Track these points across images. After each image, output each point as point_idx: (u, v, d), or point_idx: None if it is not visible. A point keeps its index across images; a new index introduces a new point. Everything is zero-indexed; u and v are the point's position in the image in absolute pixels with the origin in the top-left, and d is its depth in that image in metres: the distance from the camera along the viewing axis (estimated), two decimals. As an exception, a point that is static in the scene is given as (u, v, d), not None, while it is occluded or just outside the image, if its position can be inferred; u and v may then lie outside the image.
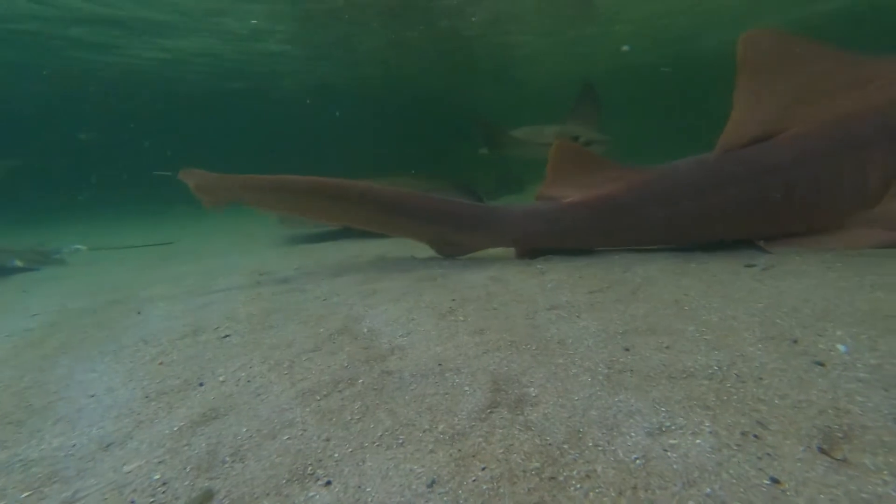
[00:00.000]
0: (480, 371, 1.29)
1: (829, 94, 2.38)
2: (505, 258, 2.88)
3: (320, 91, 17.83)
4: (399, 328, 1.73)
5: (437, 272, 2.69)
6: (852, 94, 2.32)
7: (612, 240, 2.73)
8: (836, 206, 2.29)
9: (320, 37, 11.83)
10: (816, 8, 11.36)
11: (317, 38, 11.92)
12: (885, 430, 0.87)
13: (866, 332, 1.29)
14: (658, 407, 1.07)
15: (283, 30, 11.43)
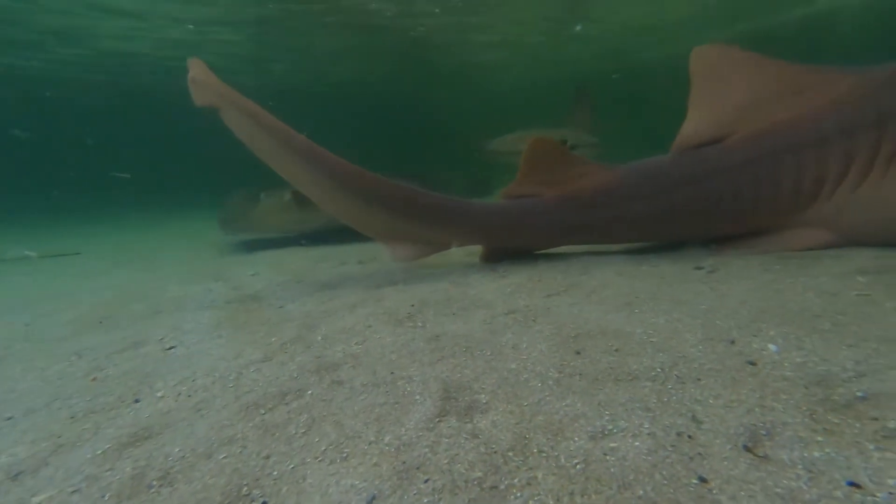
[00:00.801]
0: (433, 379, 1.28)
1: (770, 101, 2.54)
2: (467, 263, 2.89)
3: (278, 93, 17.57)
4: (355, 336, 1.70)
5: (400, 276, 2.67)
6: (791, 100, 2.48)
7: (576, 237, 2.79)
8: (776, 208, 2.43)
9: (276, 39, 11.60)
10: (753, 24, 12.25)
11: (272, 40, 11.69)
12: (802, 426, 0.93)
13: (795, 331, 1.37)
14: (603, 410, 1.10)
15: (234, 33, 11.13)
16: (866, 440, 0.86)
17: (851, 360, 1.16)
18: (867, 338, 1.27)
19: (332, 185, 2.50)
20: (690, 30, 12.60)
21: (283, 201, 4.92)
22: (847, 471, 0.80)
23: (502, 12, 10.73)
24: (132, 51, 12.20)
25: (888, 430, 0.88)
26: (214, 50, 12.44)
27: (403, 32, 11.53)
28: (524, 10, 10.48)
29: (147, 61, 13.11)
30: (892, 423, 0.90)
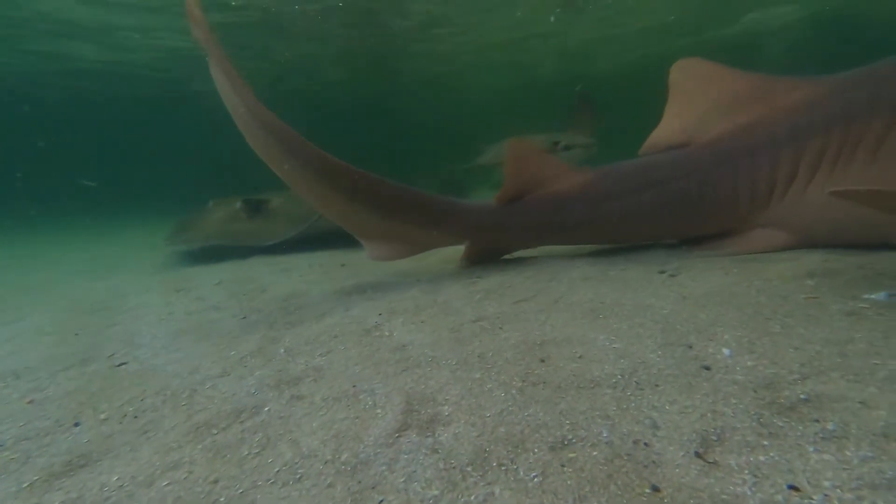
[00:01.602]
0: (396, 391, 1.26)
1: (733, 108, 2.67)
2: (438, 269, 2.88)
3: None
4: (319, 347, 1.66)
5: (369, 283, 2.63)
6: (752, 107, 2.61)
7: (555, 238, 2.88)
8: (736, 209, 2.54)
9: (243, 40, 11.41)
10: (702, 36, 13.11)
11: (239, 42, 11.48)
12: (750, 430, 0.96)
13: (748, 335, 1.42)
14: (564, 419, 1.10)
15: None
16: (807, 442, 0.90)
17: (797, 362, 1.21)
18: (812, 340, 1.32)
19: (301, 168, 2.35)
20: (652, 40, 13.26)
21: (232, 210, 4.62)
22: (788, 474, 0.82)
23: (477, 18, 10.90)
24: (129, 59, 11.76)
25: (827, 432, 0.92)
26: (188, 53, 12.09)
27: (374, 35, 11.56)
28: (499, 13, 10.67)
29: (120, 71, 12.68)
30: (831, 425, 0.94)
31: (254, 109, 2.24)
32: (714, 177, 2.55)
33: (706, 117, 2.74)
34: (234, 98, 2.27)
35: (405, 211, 2.53)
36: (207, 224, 4.63)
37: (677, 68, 2.89)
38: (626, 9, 11.08)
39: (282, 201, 4.79)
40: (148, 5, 9.14)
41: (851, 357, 1.20)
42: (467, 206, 2.80)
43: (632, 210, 2.69)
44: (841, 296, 1.66)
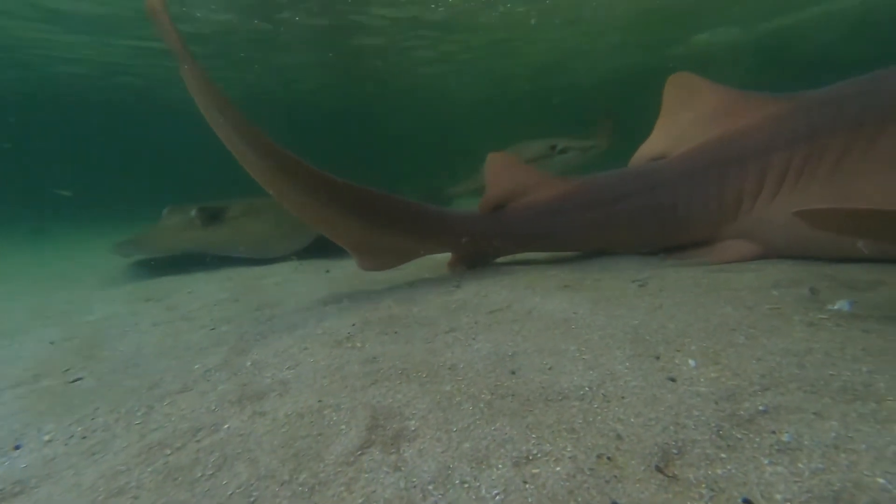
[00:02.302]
0: (362, 406, 1.23)
1: (712, 122, 2.77)
2: (415, 278, 2.87)
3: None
4: (287, 359, 1.62)
5: (345, 293, 2.60)
6: (727, 122, 2.70)
7: (537, 245, 2.97)
8: (708, 220, 2.62)
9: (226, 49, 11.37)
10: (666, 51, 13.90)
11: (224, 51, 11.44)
12: (709, 443, 0.97)
13: (713, 346, 1.45)
14: (530, 433, 1.10)
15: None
16: (762, 455, 0.91)
17: (758, 373, 1.23)
18: (773, 351, 1.35)
19: (289, 183, 2.28)
20: (612, 57, 14.05)
21: (188, 218, 4.42)
22: (743, 487, 0.83)
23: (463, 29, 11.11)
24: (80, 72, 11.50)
25: (782, 444, 0.93)
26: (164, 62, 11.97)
27: (354, 44, 11.67)
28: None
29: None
30: (786, 437, 0.95)
31: (238, 125, 2.17)
32: (685, 189, 2.63)
33: (687, 130, 2.85)
34: (218, 116, 2.17)
35: (395, 221, 2.54)
36: (164, 233, 4.38)
37: (671, 82, 3.00)
38: (580, 31, 11.63)
39: (243, 210, 4.60)
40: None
41: (809, 368, 1.23)
42: (454, 215, 2.87)
43: (608, 220, 2.78)
44: (803, 306, 1.71)
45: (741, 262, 2.48)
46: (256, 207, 4.69)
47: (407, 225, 2.59)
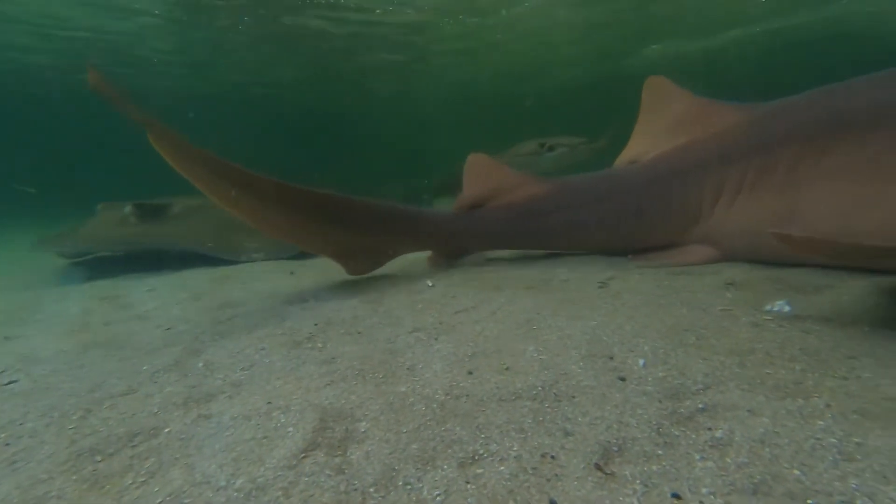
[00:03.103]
0: (311, 407, 1.21)
1: (679, 129, 2.86)
2: (384, 275, 2.85)
3: (204, 97, 16.89)
4: (242, 360, 1.58)
5: (311, 292, 2.56)
6: (691, 130, 2.79)
7: (512, 244, 3.08)
8: (670, 225, 2.70)
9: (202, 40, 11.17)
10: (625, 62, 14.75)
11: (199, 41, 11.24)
12: (648, 441, 1.00)
13: (665, 346, 1.49)
14: (479, 434, 1.10)
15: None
16: (696, 451, 0.94)
17: (702, 372, 1.28)
18: (719, 351, 1.40)
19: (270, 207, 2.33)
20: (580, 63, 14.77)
21: (122, 214, 4.20)
22: (675, 482, 0.86)
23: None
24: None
25: (715, 440, 0.97)
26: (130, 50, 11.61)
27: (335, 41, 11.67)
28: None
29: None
30: (720, 433, 0.99)
31: (211, 167, 2.18)
32: (650, 196, 2.72)
33: (659, 135, 2.94)
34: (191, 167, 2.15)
35: (373, 224, 2.67)
36: (97, 229, 4.13)
37: (647, 86, 3.07)
38: (537, 42, 12.19)
39: (190, 207, 4.37)
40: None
41: (749, 367, 1.28)
42: (430, 215, 3.00)
43: (578, 223, 2.87)
44: (753, 308, 1.77)
45: (701, 265, 2.57)
46: (206, 205, 4.40)
47: (385, 227, 2.71)
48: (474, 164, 3.16)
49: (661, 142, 2.87)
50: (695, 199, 2.60)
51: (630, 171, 2.91)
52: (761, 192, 2.32)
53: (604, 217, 2.82)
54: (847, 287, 1.93)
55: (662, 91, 3.00)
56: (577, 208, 2.86)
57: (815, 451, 0.88)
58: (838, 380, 1.15)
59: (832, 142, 2.11)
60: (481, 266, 3.02)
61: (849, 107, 2.16)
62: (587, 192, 2.91)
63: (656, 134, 2.92)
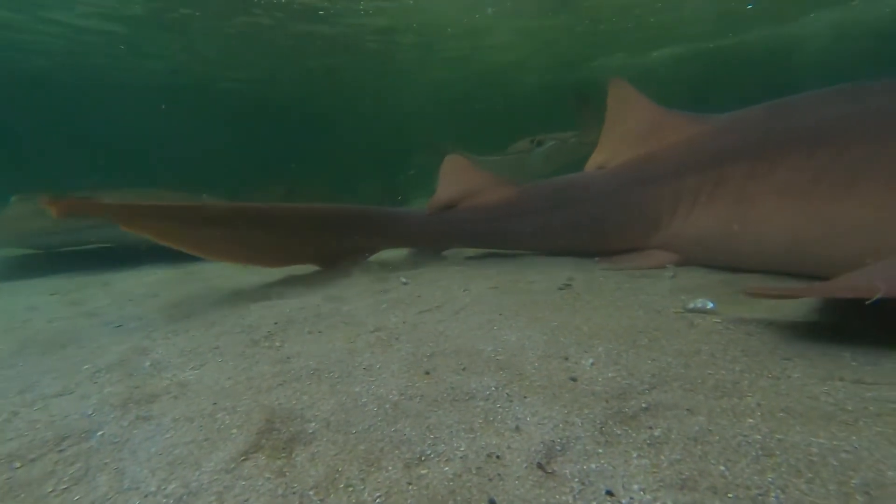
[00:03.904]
0: (260, 408, 1.18)
1: (641, 138, 2.94)
2: (354, 277, 2.82)
3: (177, 91, 16.48)
4: (194, 359, 1.53)
5: (275, 291, 2.50)
6: (652, 140, 2.88)
7: (482, 244, 3.23)
8: (632, 231, 2.79)
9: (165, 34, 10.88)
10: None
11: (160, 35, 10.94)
12: (591, 440, 1.02)
13: (618, 347, 1.53)
14: (429, 434, 1.10)
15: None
16: (634, 448, 0.97)
17: (650, 373, 1.32)
18: (668, 352, 1.45)
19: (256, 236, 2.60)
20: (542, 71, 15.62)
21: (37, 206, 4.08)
22: (610, 480, 0.88)
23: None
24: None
25: (653, 438, 1.00)
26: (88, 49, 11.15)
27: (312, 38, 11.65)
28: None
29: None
30: (658, 432, 1.02)
31: (201, 216, 2.39)
32: (613, 204, 2.82)
33: (623, 143, 3.03)
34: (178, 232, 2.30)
35: (353, 227, 2.92)
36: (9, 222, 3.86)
37: (612, 89, 3.17)
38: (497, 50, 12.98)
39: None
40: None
41: (693, 367, 1.33)
42: (405, 215, 3.20)
43: (544, 228, 3.00)
44: (703, 311, 1.85)
45: (662, 269, 2.65)
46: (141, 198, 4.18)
47: (362, 228, 2.95)
48: (450, 166, 3.29)
49: (625, 148, 2.96)
50: (655, 209, 2.69)
51: (596, 178, 3.00)
52: (716, 204, 2.42)
53: (568, 225, 2.94)
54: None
55: (626, 97, 3.08)
56: (544, 213, 2.98)
57: (741, 448, 0.92)
58: (771, 380, 1.21)
59: (779, 157, 2.22)
60: (453, 264, 3.05)
61: (794, 123, 2.28)
62: (552, 199, 3.03)
63: (621, 140, 3.02)
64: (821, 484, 0.81)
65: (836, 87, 2.39)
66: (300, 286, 2.63)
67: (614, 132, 3.13)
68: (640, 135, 2.93)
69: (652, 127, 2.91)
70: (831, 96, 2.33)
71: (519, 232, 3.03)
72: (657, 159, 2.73)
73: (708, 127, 2.65)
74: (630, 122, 3.02)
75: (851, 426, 0.96)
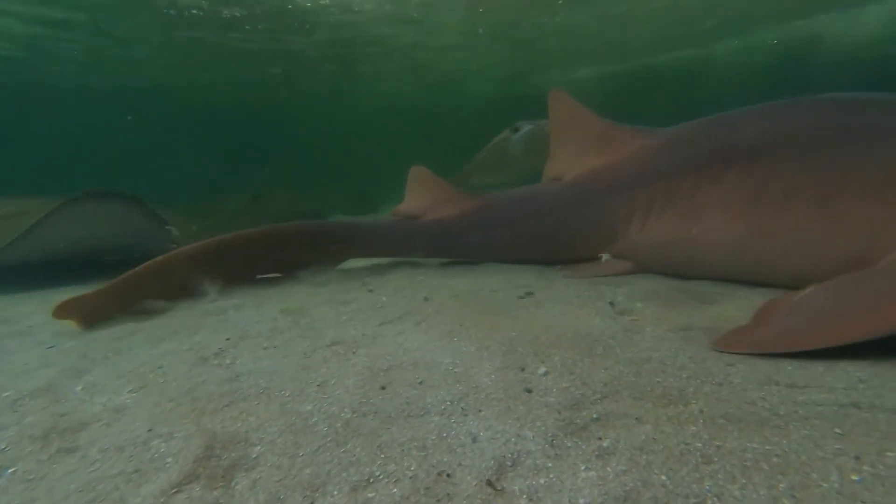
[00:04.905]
0: (199, 433, 1.11)
1: (591, 151, 3.02)
2: (315, 288, 2.74)
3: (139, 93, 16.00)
4: (134, 381, 1.43)
5: (233, 303, 2.40)
6: (603, 154, 2.97)
7: (447, 255, 3.27)
8: (591, 242, 2.87)
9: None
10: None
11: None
12: (541, 453, 1.02)
13: (574, 356, 1.55)
14: (378, 454, 1.07)
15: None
16: (582, 461, 0.98)
17: (602, 382, 1.34)
18: (621, 360, 1.49)
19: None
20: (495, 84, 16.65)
21: None
22: (557, 494, 0.88)
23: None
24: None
25: (602, 449, 1.01)
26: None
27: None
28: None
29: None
30: (607, 442, 1.04)
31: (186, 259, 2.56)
32: (570, 217, 2.92)
33: (572, 156, 3.11)
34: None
35: (323, 239, 3.08)
36: None
37: (551, 101, 3.23)
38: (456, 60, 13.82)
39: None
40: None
41: (643, 376, 1.36)
42: (371, 225, 3.40)
43: (505, 240, 3.08)
44: (657, 318, 1.91)
45: (621, 276, 2.74)
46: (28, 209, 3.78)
47: (331, 239, 3.09)
48: (415, 177, 3.41)
49: (576, 160, 3.04)
50: (610, 221, 2.78)
51: (553, 191, 3.09)
52: (667, 217, 2.52)
53: (529, 236, 3.03)
54: (738, 297, 2.15)
55: (567, 108, 3.16)
56: (503, 228, 3.08)
57: (683, 456, 0.95)
58: (714, 386, 1.26)
59: (721, 171, 2.34)
60: (419, 273, 3.03)
61: (734, 139, 2.40)
62: (511, 212, 3.13)
63: (572, 153, 3.10)
64: (753, 489, 0.84)
65: (772, 102, 2.54)
66: (259, 298, 2.53)
67: (563, 144, 3.20)
68: (589, 147, 3.02)
69: (600, 139, 3.00)
70: (768, 112, 2.47)
71: (482, 244, 3.11)
72: (610, 172, 2.83)
73: (655, 140, 2.76)
74: (577, 135, 3.11)
75: (783, 430, 1.01)
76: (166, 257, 2.48)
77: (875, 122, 2.07)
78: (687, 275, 2.52)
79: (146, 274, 2.38)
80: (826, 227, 1.95)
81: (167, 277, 2.47)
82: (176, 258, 2.50)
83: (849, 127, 2.10)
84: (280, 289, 2.78)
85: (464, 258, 3.25)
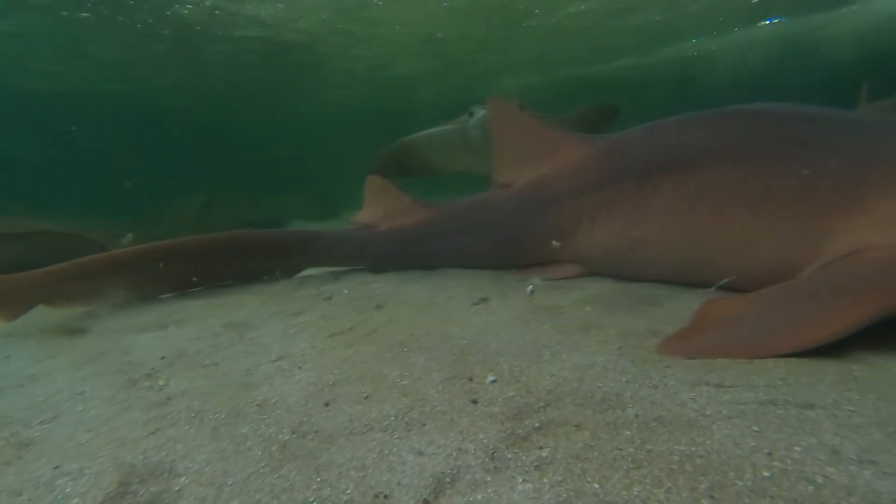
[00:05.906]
0: (116, 467, 1.02)
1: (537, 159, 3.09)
2: (265, 300, 2.63)
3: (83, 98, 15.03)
4: (47, 410, 1.30)
5: (175, 318, 2.25)
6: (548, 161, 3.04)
7: (405, 263, 3.31)
8: (541, 248, 2.92)
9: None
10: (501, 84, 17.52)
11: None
12: (481, 468, 1.02)
13: (521, 363, 1.57)
14: (316, 477, 1.03)
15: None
16: (520, 473, 0.98)
17: (546, 389, 1.36)
18: (566, 367, 1.51)
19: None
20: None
21: None
22: (493, 512, 0.88)
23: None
24: None
25: (540, 460, 1.02)
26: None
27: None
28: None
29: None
30: (546, 452, 1.05)
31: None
32: (521, 224, 2.99)
33: (518, 162, 3.18)
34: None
35: (283, 247, 3.21)
36: None
37: (493, 108, 3.33)
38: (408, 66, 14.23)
39: None
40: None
41: (586, 382, 1.39)
42: (328, 235, 3.42)
43: (461, 246, 3.17)
44: (602, 324, 1.96)
45: (572, 280, 2.81)
46: None
47: (290, 248, 3.20)
48: (371, 187, 3.52)
49: (523, 168, 3.11)
50: (559, 227, 2.85)
51: (504, 199, 3.14)
52: (613, 222, 2.61)
53: (482, 244, 3.11)
54: (681, 298, 2.25)
55: (507, 115, 3.23)
56: (457, 236, 3.18)
57: (616, 462, 0.97)
58: (650, 389, 1.31)
59: (660, 179, 2.45)
60: (374, 280, 2.98)
61: (671, 147, 2.53)
62: (464, 221, 3.21)
63: (517, 160, 3.16)
64: (676, 492, 0.87)
65: (709, 111, 2.69)
66: (204, 310, 2.39)
67: (507, 151, 3.24)
68: (533, 154, 3.09)
69: (544, 147, 3.07)
70: (705, 120, 2.61)
71: (438, 252, 3.19)
72: (557, 179, 2.90)
73: (596, 148, 2.86)
74: (520, 142, 3.17)
75: (707, 430, 1.06)
76: (94, 258, 2.38)
77: (805, 132, 2.19)
78: (633, 277, 2.63)
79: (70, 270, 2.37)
80: (753, 234, 2.08)
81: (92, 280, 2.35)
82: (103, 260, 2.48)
83: (782, 136, 2.22)
84: (229, 299, 2.64)
85: (419, 266, 3.24)
